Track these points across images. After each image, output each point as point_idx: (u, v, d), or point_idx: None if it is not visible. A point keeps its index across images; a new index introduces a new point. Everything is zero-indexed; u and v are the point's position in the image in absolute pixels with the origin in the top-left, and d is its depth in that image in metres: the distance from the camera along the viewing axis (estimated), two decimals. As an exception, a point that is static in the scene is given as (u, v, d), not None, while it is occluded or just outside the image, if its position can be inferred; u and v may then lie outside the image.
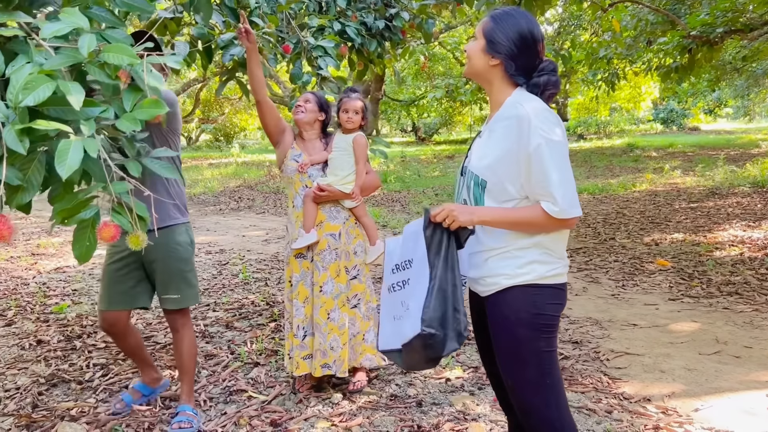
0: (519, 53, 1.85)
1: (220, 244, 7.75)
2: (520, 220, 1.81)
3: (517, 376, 1.90)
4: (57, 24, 1.40)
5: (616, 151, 19.11)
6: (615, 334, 4.05)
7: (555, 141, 1.75)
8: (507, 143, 1.80)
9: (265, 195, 12.77)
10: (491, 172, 1.84)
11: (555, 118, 1.81)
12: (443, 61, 20.08)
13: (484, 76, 1.92)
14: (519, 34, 1.84)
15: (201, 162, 20.93)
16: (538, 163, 1.74)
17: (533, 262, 1.84)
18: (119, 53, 1.44)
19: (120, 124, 1.49)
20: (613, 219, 8.28)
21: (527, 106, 1.78)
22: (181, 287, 2.94)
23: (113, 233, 1.49)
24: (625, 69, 11.31)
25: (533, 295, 1.85)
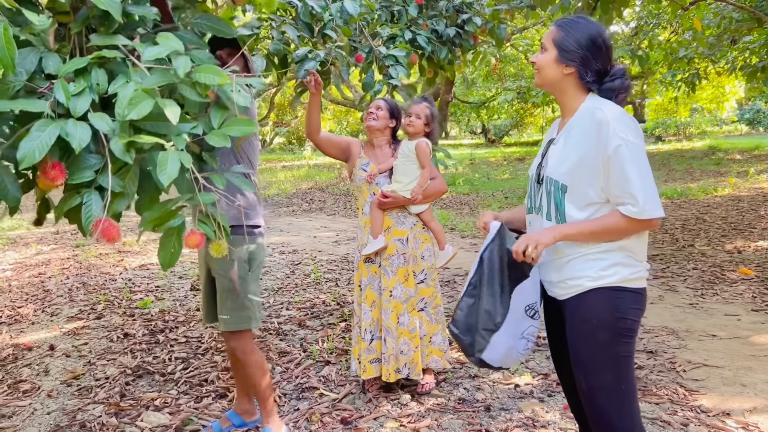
0: (592, 59, 1.86)
1: (293, 244, 7.96)
2: (601, 230, 1.81)
3: (593, 381, 1.89)
4: (157, 48, 1.55)
5: (696, 154, 18.31)
6: (692, 344, 3.91)
7: (634, 143, 1.76)
8: (586, 147, 1.82)
9: (336, 197, 12.99)
10: (571, 177, 1.85)
11: (633, 121, 1.82)
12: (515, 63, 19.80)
13: (558, 85, 1.93)
14: (590, 40, 1.86)
15: (275, 164, 21.49)
16: (617, 165, 1.75)
17: (616, 265, 1.84)
18: (210, 73, 1.56)
19: (209, 140, 1.60)
20: (693, 225, 7.97)
21: (606, 110, 1.80)
22: (230, 307, 2.65)
23: (199, 241, 1.58)
24: (707, 69, 10.84)
25: (616, 298, 1.84)
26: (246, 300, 2.68)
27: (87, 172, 1.51)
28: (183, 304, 5.22)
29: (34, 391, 3.55)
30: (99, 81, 1.54)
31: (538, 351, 3.86)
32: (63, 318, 4.96)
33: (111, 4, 1.53)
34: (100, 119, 1.47)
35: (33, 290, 5.88)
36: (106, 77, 1.55)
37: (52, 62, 1.55)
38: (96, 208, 1.50)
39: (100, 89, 1.53)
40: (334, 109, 28.10)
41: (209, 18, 1.88)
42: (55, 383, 3.65)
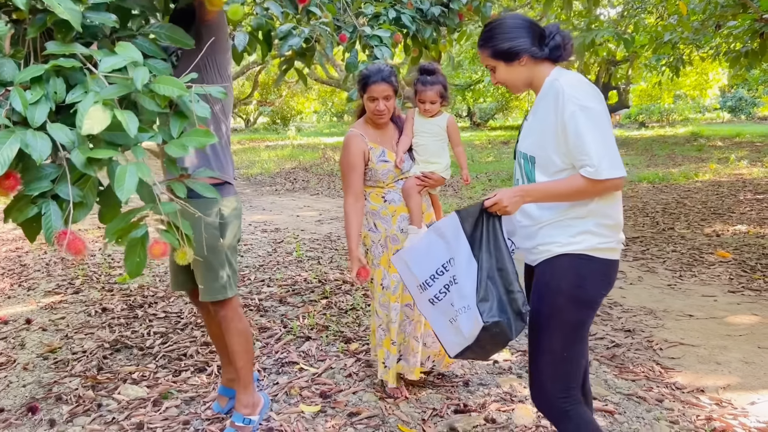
0: (530, 39, 1.92)
1: (276, 223, 7.92)
2: (566, 190, 1.85)
3: (540, 343, 1.95)
4: (115, 58, 1.53)
5: (679, 140, 18.47)
6: (670, 324, 3.96)
7: (589, 107, 1.80)
8: (547, 117, 1.87)
9: (320, 177, 12.93)
10: (537, 147, 1.92)
11: (591, 88, 1.86)
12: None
13: (529, 78, 1.98)
14: (513, 29, 1.93)
15: (258, 144, 21.32)
16: (573, 129, 1.79)
17: (586, 233, 1.87)
18: (169, 85, 1.55)
19: (168, 149, 1.58)
20: (673, 209, 8.04)
21: (562, 79, 1.86)
22: (206, 277, 2.57)
23: (163, 250, 1.58)
24: (691, 54, 10.88)
25: (581, 266, 1.88)
26: (220, 268, 2.58)
27: (44, 182, 1.50)
28: (163, 279, 5.17)
29: (10, 364, 3.51)
30: (57, 89, 1.52)
31: (517, 329, 3.89)
32: (40, 292, 4.89)
33: (70, 12, 1.50)
34: (60, 130, 1.46)
35: (9, 264, 5.80)
36: (64, 86, 1.53)
37: (8, 68, 1.53)
38: (56, 219, 1.49)
39: (57, 98, 1.51)
40: (319, 89, 27.88)
41: (168, 28, 1.87)
42: (31, 356, 3.61)
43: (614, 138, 1.84)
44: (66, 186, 1.49)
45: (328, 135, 27.11)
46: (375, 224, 2.95)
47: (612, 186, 1.82)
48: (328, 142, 21.16)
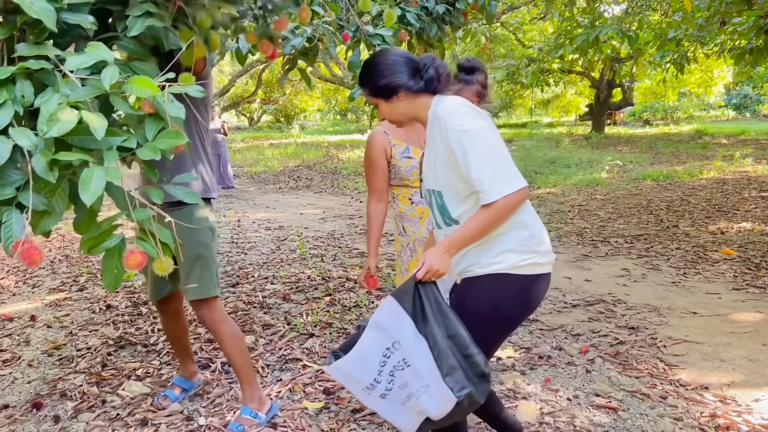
0: (406, 75, 1.95)
1: (279, 221, 7.93)
2: (481, 225, 1.83)
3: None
4: (81, 57, 1.45)
5: (683, 138, 18.42)
6: (674, 321, 3.95)
7: (468, 130, 1.81)
8: (438, 148, 1.91)
9: (323, 175, 12.94)
10: (441, 181, 1.94)
11: (468, 109, 1.88)
12: (505, 43, 19.73)
13: (405, 114, 2.02)
14: (388, 66, 1.96)
15: (262, 142, 21.35)
16: (460, 156, 1.81)
17: (507, 251, 1.88)
18: (141, 85, 1.46)
19: (141, 153, 1.51)
20: (677, 206, 8.02)
21: (440, 108, 1.89)
22: (199, 275, 2.62)
23: (140, 260, 1.49)
24: (696, 51, 10.84)
25: (500, 287, 1.89)
26: (213, 267, 2.68)
27: (7, 189, 1.43)
28: (167, 277, 5.18)
29: (15, 361, 3.52)
30: (24, 93, 1.45)
31: (522, 326, 3.89)
32: (45, 290, 4.91)
33: (44, 11, 1.42)
34: (22, 134, 1.39)
35: (14, 262, 5.82)
36: (33, 89, 1.46)
37: None
38: (17, 227, 1.42)
39: (25, 101, 1.44)
40: (323, 87, 27.88)
41: (153, 29, 1.75)
42: (36, 353, 3.63)
43: (505, 151, 1.84)
44: (34, 194, 1.42)
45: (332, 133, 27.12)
46: (404, 227, 2.87)
47: (515, 200, 1.80)
48: (332, 140, 21.18)
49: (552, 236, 6.63)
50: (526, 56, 15.81)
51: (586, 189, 9.84)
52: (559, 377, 3.17)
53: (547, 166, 12.69)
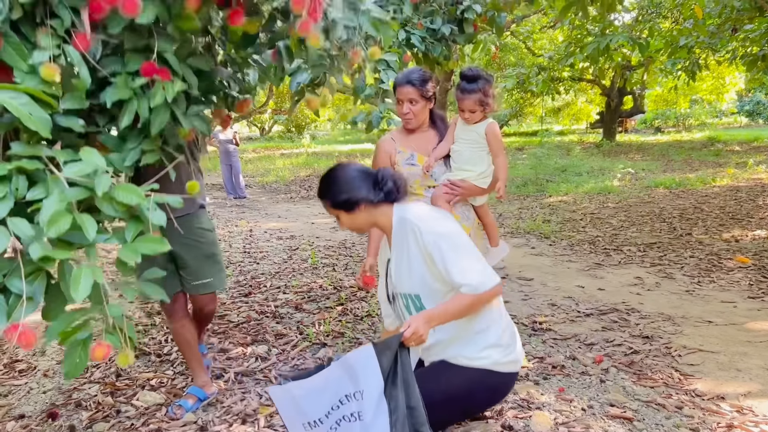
0: (365, 189, 2.07)
1: (291, 230, 7.96)
2: (460, 308, 1.96)
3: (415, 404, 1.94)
4: (79, 165, 1.57)
5: (695, 145, 18.31)
6: (688, 330, 3.92)
7: (443, 233, 1.97)
8: (413, 254, 2.02)
9: (334, 184, 12.97)
10: (418, 285, 2.04)
11: (436, 212, 2.10)
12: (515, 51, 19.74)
13: (366, 224, 2.14)
14: (347, 181, 2.09)
15: (273, 152, 21.45)
16: (439, 258, 1.94)
17: (490, 347, 2.03)
18: (128, 192, 1.60)
19: (121, 254, 1.61)
20: (691, 214, 7.97)
21: (409, 215, 2.03)
22: (213, 271, 3.02)
23: (106, 353, 1.57)
24: (707, 58, 10.80)
25: (479, 381, 2.03)
26: (221, 262, 3.10)
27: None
28: (180, 287, 5.21)
29: (30, 371, 3.55)
30: (18, 187, 1.56)
31: (534, 336, 3.87)
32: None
33: (41, 121, 1.53)
34: (21, 224, 1.51)
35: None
36: (26, 183, 1.58)
37: None
38: (1, 314, 1.52)
39: (18, 195, 1.55)
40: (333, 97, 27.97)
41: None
42: (51, 363, 3.65)
43: (474, 249, 2.00)
44: (18, 280, 1.53)
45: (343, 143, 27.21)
46: None
47: (494, 293, 1.97)
48: (343, 150, 21.24)
49: (564, 245, 6.61)
50: (536, 64, 15.81)
51: (597, 197, 9.80)
52: (573, 387, 3.15)
53: (558, 174, 12.66)
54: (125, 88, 1.80)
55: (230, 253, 6.58)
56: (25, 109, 1.52)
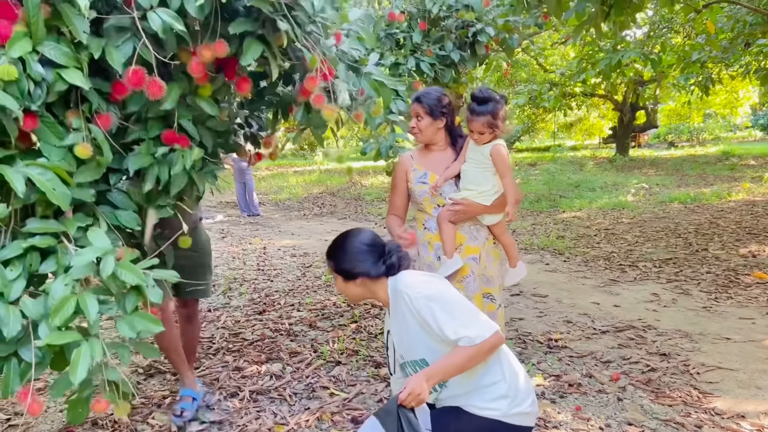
0: (368, 264, 2.11)
1: (304, 247, 7.98)
2: (461, 362, 1.97)
3: None
4: (86, 253, 1.72)
5: (710, 159, 18.18)
6: (706, 347, 3.87)
7: (432, 294, 2.00)
8: (411, 323, 2.04)
9: (347, 201, 13.01)
10: (423, 351, 2.07)
11: (425, 277, 2.11)
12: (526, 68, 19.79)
13: (363, 294, 2.19)
14: (356, 252, 2.13)
15: (286, 170, 21.57)
16: (432, 320, 1.96)
17: (501, 398, 2.02)
18: (130, 272, 1.75)
19: (119, 327, 1.77)
20: (706, 229, 7.90)
21: (399, 286, 2.07)
22: (208, 277, 3.33)
23: (105, 407, 1.78)
24: (720, 73, 10.77)
25: (488, 430, 2.02)
26: (213, 270, 3.51)
27: (10, 345, 1.69)
28: (194, 305, 5.23)
29: (47, 389, 3.57)
30: (32, 262, 1.73)
31: (549, 353, 3.85)
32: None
33: (63, 196, 1.69)
34: (32, 305, 1.67)
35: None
36: (39, 258, 1.75)
37: None
38: (15, 378, 1.69)
39: (32, 269, 1.72)
40: (345, 115, 28.10)
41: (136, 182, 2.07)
42: (68, 381, 3.67)
43: (467, 302, 2.04)
44: (28, 349, 1.69)
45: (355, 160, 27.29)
46: (419, 252, 2.98)
47: (494, 343, 1.97)
48: (355, 167, 21.32)
49: (579, 261, 6.57)
50: (547, 80, 15.82)
51: (612, 212, 9.75)
52: (590, 405, 3.12)
53: (571, 189, 12.62)
54: (147, 155, 1.98)
55: (244, 271, 6.61)
56: (50, 184, 1.67)
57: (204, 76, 2.01)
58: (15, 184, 1.62)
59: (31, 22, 1.65)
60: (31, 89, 1.67)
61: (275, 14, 1.99)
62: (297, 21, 2.06)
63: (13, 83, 1.61)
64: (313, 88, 2.13)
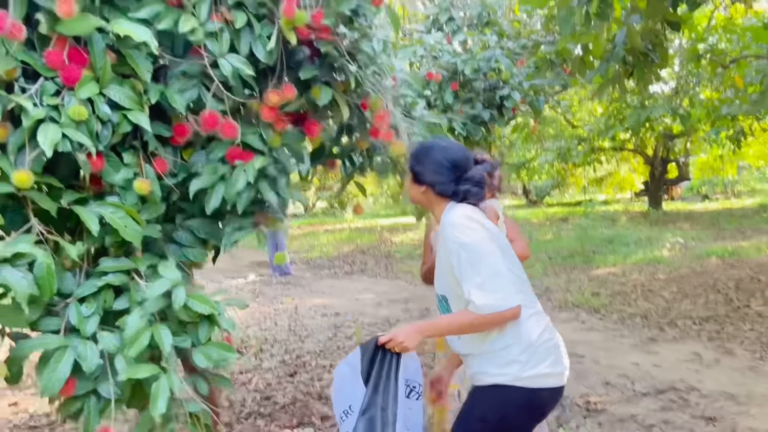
0: (440, 178, 2.06)
1: (335, 307, 7.96)
2: (460, 324, 1.94)
3: None
4: (160, 283, 1.78)
5: (746, 212, 17.81)
6: (754, 410, 3.71)
7: (467, 243, 1.91)
8: (442, 255, 2.04)
9: (377, 259, 13.02)
10: (445, 286, 2.06)
11: (470, 221, 1.96)
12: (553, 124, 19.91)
13: (422, 201, 2.16)
14: (431, 160, 2.08)
15: (317, 228, 21.77)
16: (457, 267, 1.92)
17: (513, 362, 1.93)
18: (202, 302, 1.80)
19: (195, 357, 1.83)
20: (747, 284, 7.67)
21: (446, 217, 2.01)
22: None
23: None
24: (751, 126, 10.68)
25: (506, 398, 1.94)
26: None
27: (89, 382, 1.75)
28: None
29: None
30: (107, 299, 1.81)
31: (588, 417, 3.72)
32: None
33: (135, 233, 1.78)
34: (108, 339, 1.73)
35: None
36: (113, 295, 1.82)
37: (68, 282, 1.81)
38: (95, 416, 1.74)
39: (106, 306, 1.79)
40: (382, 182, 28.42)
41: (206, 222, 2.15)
42: None
43: (501, 265, 1.91)
44: (107, 385, 1.73)
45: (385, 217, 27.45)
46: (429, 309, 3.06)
47: (503, 318, 1.88)
48: (385, 224, 21.42)
49: (615, 318, 6.42)
50: (575, 136, 15.86)
51: (647, 268, 9.56)
52: (634, 473, 3.00)
53: (605, 244, 12.43)
54: (211, 175, 2.02)
55: (276, 331, 6.60)
56: (122, 222, 1.76)
57: (278, 120, 2.08)
58: (90, 224, 1.70)
59: (98, 67, 1.77)
60: (99, 129, 1.76)
61: (340, 59, 2.10)
62: (360, 64, 2.16)
63: (83, 123, 1.71)
64: (382, 125, 2.19)
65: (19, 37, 1.61)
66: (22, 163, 1.68)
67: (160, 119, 2.00)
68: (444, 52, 5.23)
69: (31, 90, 1.69)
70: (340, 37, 2.12)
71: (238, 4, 1.99)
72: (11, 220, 1.72)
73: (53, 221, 1.81)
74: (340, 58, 2.13)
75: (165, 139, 2.02)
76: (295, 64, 2.19)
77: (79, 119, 1.69)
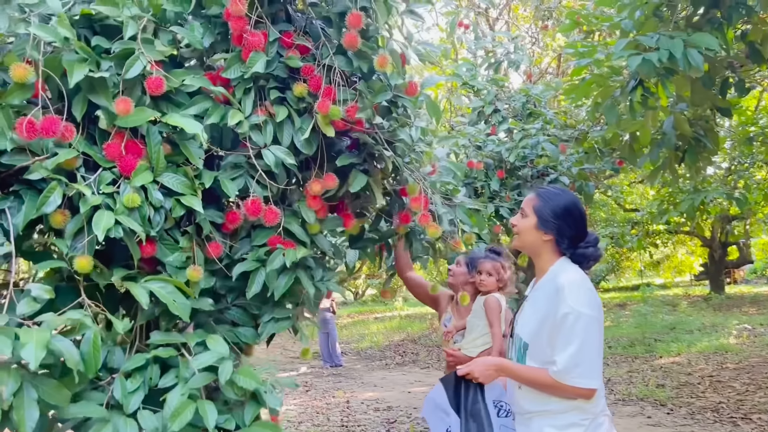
0: (567, 227, 2.01)
1: (387, 400, 7.80)
2: (535, 380, 1.95)
3: None
4: (207, 355, 1.81)
5: (818, 295, 16.90)
6: None
7: (582, 313, 1.88)
8: (546, 309, 1.96)
9: (429, 349, 12.79)
10: (532, 335, 2.01)
11: (589, 292, 1.94)
12: (605, 207, 19.71)
13: (536, 250, 2.09)
14: (566, 210, 2.02)
15: (367, 316, 21.68)
16: (560, 331, 1.88)
17: (573, 425, 1.92)
18: (248, 377, 1.80)
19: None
20: (826, 375, 7.19)
21: (564, 277, 1.96)
22: None
23: None
24: (814, 206, 10.32)
25: None
26: None
27: None
28: None
29: None
30: (153, 375, 1.80)
31: None
32: None
33: (183, 307, 1.80)
34: (149, 419, 1.71)
35: None
36: (159, 371, 1.82)
37: (117, 358, 1.84)
38: None
39: (152, 382, 1.79)
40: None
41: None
42: None
43: (601, 348, 1.93)
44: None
45: (435, 305, 27.13)
46: None
47: (580, 393, 1.88)
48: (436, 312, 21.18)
49: (683, 412, 6.07)
50: (628, 219, 15.60)
51: (714, 357, 9.08)
52: None
53: (666, 332, 11.92)
54: (251, 261, 2.05)
55: (328, 428, 6.49)
56: (171, 296, 1.77)
57: (322, 208, 2.15)
58: (140, 298, 1.74)
59: (153, 157, 1.87)
60: (151, 215, 1.83)
61: (377, 147, 2.18)
62: (397, 152, 2.24)
63: (136, 210, 1.79)
64: (419, 209, 2.24)
65: (71, 139, 1.74)
66: (76, 247, 1.76)
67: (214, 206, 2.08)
68: (488, 141, 5.35)
69: (90, 179, 1.80)
70: (377, 126, 2.21)
71: (281, 99, 2.12)
72: (62, 300, 1.76)
73: (103, 299, 1.85)
74: (377, 146, 2.22)
75: (217, 226, 2.09)
76: (336, 152, 2.29)
77: (132, 206, 1.77)
